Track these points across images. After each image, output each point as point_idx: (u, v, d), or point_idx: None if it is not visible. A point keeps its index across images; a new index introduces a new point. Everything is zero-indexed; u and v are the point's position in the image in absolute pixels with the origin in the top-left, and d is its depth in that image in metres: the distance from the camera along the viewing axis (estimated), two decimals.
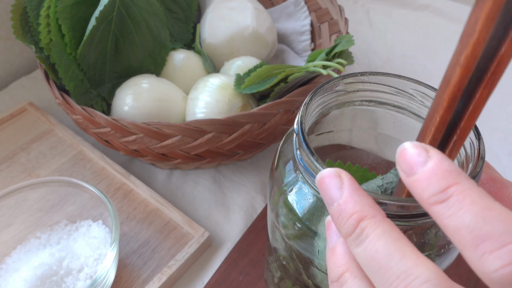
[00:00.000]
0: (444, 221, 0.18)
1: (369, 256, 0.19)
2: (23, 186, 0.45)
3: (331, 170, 0.22)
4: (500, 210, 0.17)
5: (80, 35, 0.53)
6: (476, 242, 0.17)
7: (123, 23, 0.54)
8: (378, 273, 0.19)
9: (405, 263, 0.18)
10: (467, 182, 0.18)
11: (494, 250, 0.17)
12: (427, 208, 0.19)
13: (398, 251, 0.19)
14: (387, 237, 0.19)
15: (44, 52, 0.51)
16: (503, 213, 0.17)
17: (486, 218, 0.17)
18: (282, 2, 0.72)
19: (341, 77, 0.29)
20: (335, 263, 0.22)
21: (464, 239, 0.17)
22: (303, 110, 0.27)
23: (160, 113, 0.52)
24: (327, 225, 0.23)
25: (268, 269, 0.40)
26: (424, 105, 0.30)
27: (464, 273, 0.47)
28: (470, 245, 0.17)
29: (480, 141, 0.25)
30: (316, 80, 0.51)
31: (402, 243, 0.19)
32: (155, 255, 0.47)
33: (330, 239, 0.23)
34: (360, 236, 0.20)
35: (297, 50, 0.70)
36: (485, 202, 0.18)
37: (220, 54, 0.62)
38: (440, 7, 0.86)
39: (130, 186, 0.53)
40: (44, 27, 0.50)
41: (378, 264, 0.19)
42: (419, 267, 0.18)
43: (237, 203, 0.54)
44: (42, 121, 0.62)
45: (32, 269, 0.41)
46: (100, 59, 0.54)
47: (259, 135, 0.49)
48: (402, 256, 0.19)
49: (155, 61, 0.58)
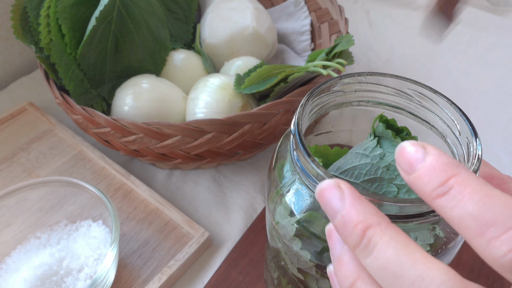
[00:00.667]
0: (448, 213, 0.18)
1: (380, 265, 0.19)
2: (23, 186, 0.46)
3: (330, 182, 0.22)
4: (500, 196, 0.18)
5: (80, 35, 0.53)
6: (481, 230, 0.17)
7: (123, 23, 0.54)
8: (391, 281, 0.19)
9: (418, 268, 0.18)
10: (466, 172, 0.19)
11: (499, 235, 0.17)
12: (431, 203, 0.19)
13: (408, 256, 0.19)
14: (396, 243, 0.19)
15: (44, 52, 0.51)
16: (504, 198, 0.18)
17: (488, 204, 0.17)
18: (282, 2, 0.72)
19: (339, 78, 0.29)
20: (344, 273, 0.22)
21: (469, 227, 0.18)
22: (299, 111, 0.27)
23: (160, 113, 0.52)
24: (328, 234, 0.23)
25: (268, 269, 0.40)
26: (421, 105, 0.30)
27: (464, 273, 0.47)
28: (475, 233, 0.18)
29: (477, 141, 0.25)
30: (316, 80, 0.51)
31: (411, 247, 0.19)
32: (155, 255, 0.48)
33: (334, 248, 0.23)
34: (368, 246, 0.20)
35: (297, 50, 0.70)
36: (485, 189, 0.18)
37: (220, 54, 0.62)
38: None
39: (130, 186, 0.54)
40: (44, 27, 0.50)
41: (391, 273, 0.19)
42: (432, 271, 0.18)
43: (237, 203, 0.54)
44: (42, 121, 0.62)
45: (32, 269, 0.41)
46: (100, 59, 0.54)
47: (259, 135, 0.49)
48: (413, 261, 0.18)
49: (155, 61, 0.58)
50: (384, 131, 0.29)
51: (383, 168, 0.28)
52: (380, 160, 0.28)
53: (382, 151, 0.28)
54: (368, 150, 0.29)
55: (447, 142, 0.29)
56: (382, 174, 0.27)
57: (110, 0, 0.50)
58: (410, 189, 0.27)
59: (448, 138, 0.29)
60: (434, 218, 0.25)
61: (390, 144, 0.28)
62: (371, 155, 0.28)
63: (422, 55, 0.76)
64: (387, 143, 0.29)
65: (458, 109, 0.28)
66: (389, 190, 0.27)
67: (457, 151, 0.28)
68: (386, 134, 0.29)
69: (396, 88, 0.30)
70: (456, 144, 0.28)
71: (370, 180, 0.28)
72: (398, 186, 0.27)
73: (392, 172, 0.27)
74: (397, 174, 0.27)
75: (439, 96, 0.29)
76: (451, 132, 0.28)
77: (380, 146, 0.29)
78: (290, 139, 0.28)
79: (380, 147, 0.28)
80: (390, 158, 0.28)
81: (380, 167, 0.28)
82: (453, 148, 0.29)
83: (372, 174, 0.28)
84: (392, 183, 0.27)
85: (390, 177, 0.27)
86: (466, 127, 0.27)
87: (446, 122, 0.29)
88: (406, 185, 0.27)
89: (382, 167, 0.28)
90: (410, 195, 0.27)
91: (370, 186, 0.28)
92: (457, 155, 0.28)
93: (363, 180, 0.28)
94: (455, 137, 0.28)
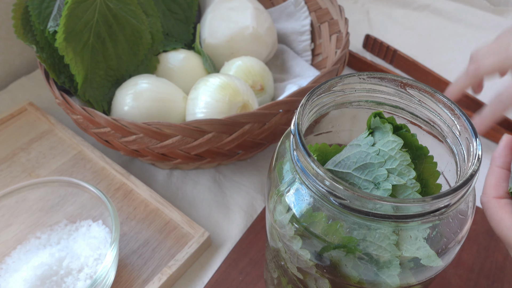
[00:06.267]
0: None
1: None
2: (23, 186, 0.46)
3: None
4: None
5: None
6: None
7: (106, 28, 0.54)
8: None
9: None
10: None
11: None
12: None
13: None
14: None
15: (44, 52, 0.51)
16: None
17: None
18: (282, 2, 0.72)
19: (339, 78, 0.29)
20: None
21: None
22: (299, 111, 0.27)
23: (160, 113, 0.52)
24: None
25: (268, 269, 0.40)
26: (421, 105, 0.30)
27: (464, 273, 0.47)
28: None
29: (477, 141, 0.25)
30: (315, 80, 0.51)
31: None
32: (155, 255, 0.48)
33: None
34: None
35: (297, 50, 0.70)
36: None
37: (220, 54, 0.62)
38: (440, 7, 0.86)
39: (130, 186, 0.54)
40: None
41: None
42: None
43: (237, 203, 0.54)
44: (42, 121, 0.62)
45: (32, 269, 0.41)
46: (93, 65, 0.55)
47: (259, 135, 0.49)
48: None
49: (140, 60, 0.58)
50: (377, 122, 0.29)
51: (373, 153, 0.27)
52: (370, 147, 0.28)
53: (373, 139, 0.28)
54: (360, 140, 0.29)
55: (447, 142, 0.29)
56: (371, 159, 0.27)
57: (89, 11, 0.50)
58: (400, 172, 0.26)
59: (448, 138, 0.29)
60: (434, 218, 0.25)
61: (382, 134, 0.28)
62: (362, 143, 0.28)
63: (422, 55, 0.76)
64: (379, 134, 0.28)
65: (458, 109, 0.28)
66: (379, 174, 0.27)
67: (457, 151, 0.28)
68: (378, 123, 0.29)
69: (396, 88, 0.30)
70: (456, 144, 0.28)
71: (361, 167, 0.28)
72: (388, 170, 0.27)
73: (381, 156, 0.27)
74: (387, 158, 0.27)
75: (439, 96, 0.29)
76: (451, 132, 0.28)
77: (373, 137, 0.28)
78: (290, 139, 0.28)
79: (373, 137, 0.28)
80: (380, 144, 0.28)
81: (370, 153, 0.27)
82: (453, 148, 0.29)
83: (362, 161, 0.28)
84: (382, 167, 0.27)
85: (379, 161, 0.27)
86: (466, 127, 0.27)
87: (446, 122, 0.29)
88: (397, 169, 0.27)
89: (372, 152, 0.27)
90: (401, 179, 0.27)
91: (362, 173, 0.28)
92: (457, 155, 0.28)
93: (354, 168, 0.28)
94: (455, 137, 0.28)
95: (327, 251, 0.27)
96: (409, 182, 0.23)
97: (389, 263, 0.26)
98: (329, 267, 0.28)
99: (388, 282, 0.27)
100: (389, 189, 0.26)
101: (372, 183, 0.27)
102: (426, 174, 0.30)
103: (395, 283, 0.27)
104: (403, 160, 0.26)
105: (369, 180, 0.27)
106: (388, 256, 0.26)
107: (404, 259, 0.26)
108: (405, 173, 0.26)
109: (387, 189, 0.26)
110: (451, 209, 0.25)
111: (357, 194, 0.24)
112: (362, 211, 0.24)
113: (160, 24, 0.59)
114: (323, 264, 0.28)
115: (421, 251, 0.26)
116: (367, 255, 0.26)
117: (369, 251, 0.26)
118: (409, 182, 0.23)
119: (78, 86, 0.53)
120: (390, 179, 0.27)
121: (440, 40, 0.80)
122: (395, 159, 0.26)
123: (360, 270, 0.27)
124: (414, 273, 0.27)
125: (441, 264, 0.28)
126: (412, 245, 0.26)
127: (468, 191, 0.25)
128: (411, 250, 0.26)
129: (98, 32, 0.53)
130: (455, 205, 0.25)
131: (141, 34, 0.56)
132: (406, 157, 0.27)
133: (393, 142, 0.27)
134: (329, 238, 0.27)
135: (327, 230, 0.27)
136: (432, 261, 0.26)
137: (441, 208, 0.24)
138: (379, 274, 0.27)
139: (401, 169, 0.26)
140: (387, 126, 0.28)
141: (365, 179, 0.27)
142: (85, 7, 0.51)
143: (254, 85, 0.57)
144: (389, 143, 0.27)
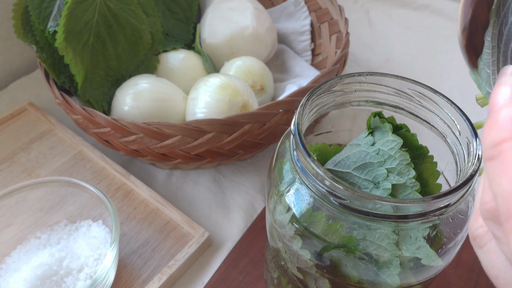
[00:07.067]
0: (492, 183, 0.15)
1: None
2: (23, 186, 0.46)
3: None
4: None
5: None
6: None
7: (106, 28, 0.54)
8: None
9: None
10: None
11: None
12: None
13: None
14: None
15: (45, 52, 0.51)
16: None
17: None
18: (282, 2, 0.72)
19: (339, 78, 0.29)
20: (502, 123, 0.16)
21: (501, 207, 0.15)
22: (299, 111, 0.27)
23: (160, 113, 0.52)
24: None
25: (268, 269, 0.40)
26: (421, 105, 0.30)
27: (464, 273, 0.47)
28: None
29: (477, 141, 0.25)
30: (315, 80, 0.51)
31: None
32: (155, 255, 0.48)
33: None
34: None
35: (297, 50, 0.70)
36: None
37: (220, 54, 0.62)
38: (440, 7, 0.86)
39: (130, 186, 0.54)
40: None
41: None
42: None
43: (237, 203, 0.54)
44: (42, 121, 0.62)
45: (32, 269, 0.41)
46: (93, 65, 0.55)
47: (259, 135, 0.49)
48: None
49: (141, 60, 0.57)
50: (377, 121, 0.29)
51: (373, 152, 0.27)
52: (370, 146, 0.28)
53: (372, 138, 0.28)
54: (360, 140, 0.29)
55: (447, 142, 0.29)
56: (371, 158, 0.27)
57: (89, 11, 0.50)
58: (400, 171, 0.26)
59: (448, 138, 0.29)
60: (434, 218, 0.25)
61: (382, 134, 0.28)
62: (362, 143, 0.28)
63: (422, 55, 0.76)
64: (379, 134, 0.29)
65: (458, 109, 0.28)
66: (379, 173, 0.27)
67: (457, 151, 0.28)
68: (377, 123, 0.29)
69: (396, 88, 0.30)
70: (456, 144, 0.28)
71: (360, 166, 0.28)
72: (388, 169, 0.27)
73: (381, 156, 0.27)
74: (387, 157, 0.27)
75: (439, 96, 0.29)
76: (451, 132, 0.28)
77: (373, 136, 0.29)
78: (290, 139, 0.28)
79: (372, 137, 0.28)
80: (380, 144, 0.28)
81: (370, 153, 0.28)
82: (453, 148, 0.29)
83: (362, 160, 0.28)
84: (381, 166, 0.27)
85: (379, 161, 0.27)
86: (466, 127, 0.27)
87: (446, 122, 0.29)
88: (396, 169, 0.27)
89: (371, 152, 0.27)
90: (400, 178, 0.27)
91: (361, 173, 0.28)
92: (457, 155, 0.28)
93: (354, 168, 0.28)
94: (455, 137, 0.28)
95: (327, 251, 0.27)
96: (409, 181, 0.23)
97: (389, 263, 0.26)
98: (329, 267, 0.28)
99: (388, 282, 0.27)
100: (389, 189, 0.26)
101: (372, 183, 0.27)
102: (426, 174, 0.30)
103: (395, 283, 0.27)
104: (403, 160, 0.26)
105: (368, 180, 0.27)
106: (388, 256, 0.26)
107: (404, 258, 0.26)
108: (405, 172, 0.26)
109: (387, 189, 0.26)
110: (451, 209, 0.25)
111: (357, 194, 0.24)
112: (362, 211, 0.24)
113: (160, 24, 0.59)
114: (323, 264, 0.28)
115: (421, 251, 0.26)
116: (367, 254, 0.26)
117: (369, 251, 0.26)
118: (408, 181, 0.23)
119: (78, 86, 0.53)
120: (390, 178, 0.27)
121: (440, 40, 0.80)
122: (395, 158, 0.26)
123: (360, 270, 0.27)
124: (414, 273, 0.27)
125: (441, 264, 0.28)
126: (412, 245, 0.26)
127: (468, 191, 0.25)
128: (411, 249, 0.26)
129: (98, 32, 0.53)
130: (455, 205, 0.25)
131: (141, 34, 0.56)
132: (406, 156, 0.27)
133: (392, 141, 0.27)
134: (329, 238, 0.27)
135: (327, 230, 0.27)
136: (432, 260, 0.26)
137: (441, 208, 0.24)
138: (379, 273, 0.27)
139: (401, 168, 0.26)
140: (386, 125, 0.28)
141: (365, 178, 0.27)
142: (85, 7, 0.51)
143: (254, 85, 0.57)
144: (388, 143, 0.27)
